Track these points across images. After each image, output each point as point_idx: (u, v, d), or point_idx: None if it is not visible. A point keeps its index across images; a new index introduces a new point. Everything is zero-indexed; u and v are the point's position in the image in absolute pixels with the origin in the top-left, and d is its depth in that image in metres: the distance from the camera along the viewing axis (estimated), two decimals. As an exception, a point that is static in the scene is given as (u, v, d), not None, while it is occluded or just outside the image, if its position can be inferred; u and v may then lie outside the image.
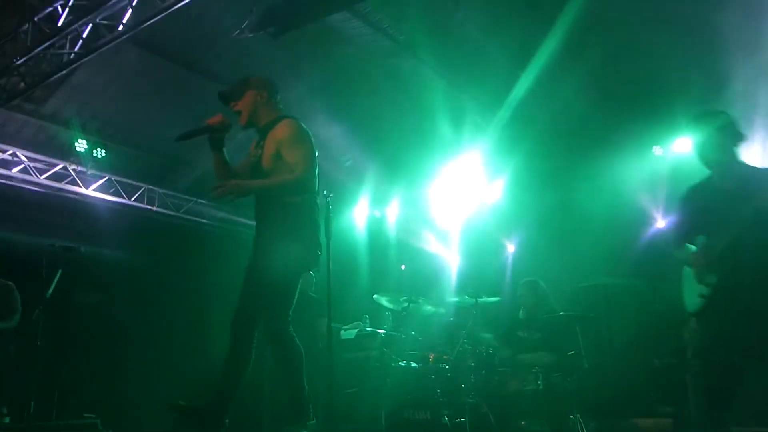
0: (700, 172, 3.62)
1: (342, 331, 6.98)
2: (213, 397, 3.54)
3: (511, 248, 9.16)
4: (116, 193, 8.34)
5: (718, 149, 3.45)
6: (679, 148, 7.56)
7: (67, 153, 7.74)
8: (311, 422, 3.64)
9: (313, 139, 3.69)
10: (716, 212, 3.41)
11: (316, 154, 3.68)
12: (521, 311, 6.09)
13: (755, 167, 3.51)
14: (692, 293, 3.49)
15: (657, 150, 7.74)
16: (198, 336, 8.14)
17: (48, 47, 5.89)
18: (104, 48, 5.77)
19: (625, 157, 7.69)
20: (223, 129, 3.61)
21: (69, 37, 5.85)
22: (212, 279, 8.18)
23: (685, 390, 5.97)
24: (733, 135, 3.47)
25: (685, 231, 3.65)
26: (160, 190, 8.81)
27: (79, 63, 6.02)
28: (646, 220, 8.06)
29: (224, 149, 3.69)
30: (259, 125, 3.75)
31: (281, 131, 3.63)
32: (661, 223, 8.04)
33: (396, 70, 7.36)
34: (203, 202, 9.15)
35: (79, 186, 8.01)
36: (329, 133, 8.30)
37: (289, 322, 3.64)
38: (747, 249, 3.23)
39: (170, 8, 5.17)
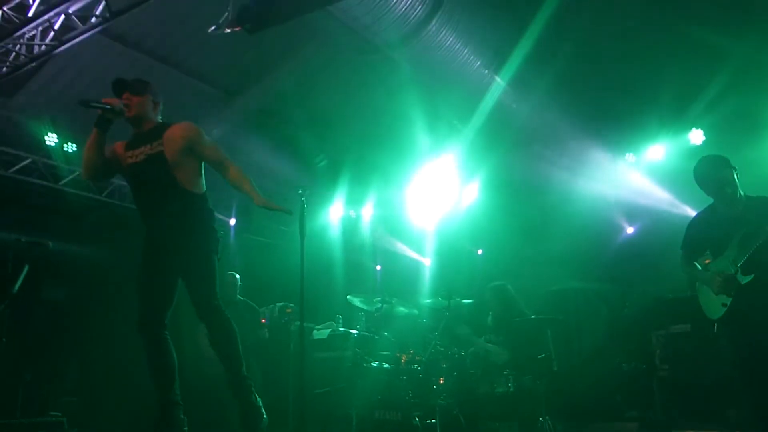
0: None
1: (314, 331, 6.97)
2: (157, 408, 3.68)
3: (482, 251, 9.21)
4: (87, 188, 8.21)
5: (733, 185, 4.08)
6: (651, 156, 7.68)
7: (36, 147, 7.60)
8: (264, 420, 3.69)
9: None
10: (723, 235, 4.10)
11: None
12: (489, 317, 6.11)
13: (751, 196, 4.15)
14: (711, 302, 4.10)
15: (629, 157, 7.84)
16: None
17: (18, 38, 5.77)
18: (76, 40, 5.67)
19: (598, 163, 7.79)
20: (116, 112, 3.74)
21: (40, 28, 5.73)
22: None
23: (652, 394, 6.08)
24: (734, 172, 4.11)
25: (693, 251, 4.34)
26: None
27: (50, 55, 5.91)
28: (617, 226, 8.17)
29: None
30: (142, 128, 3.87)
31: (189, 130, 3.82)
32: (630, 229, 8.16)
33: (372, 71, 7.35)
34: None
35: (49, 181, 7.86)
36: (303, 132, 8.28)
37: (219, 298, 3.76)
38: (763, 266, 3.88)
39: (144, 0, 5.10)
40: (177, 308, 3.89)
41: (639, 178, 7.74)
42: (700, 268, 4.30)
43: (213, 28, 5.02)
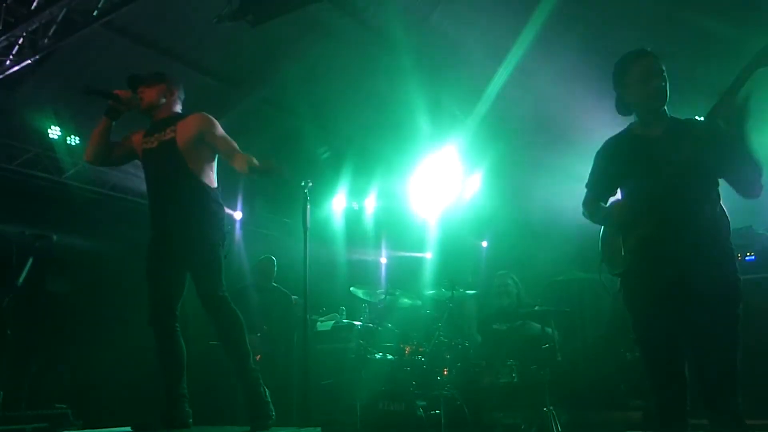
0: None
1: (318, 323, 6.98)
2: (166, 399, 3.72)
3: (487, 242, 9.21)
4: (90, 182, 8.22)
5: (662, 97, 3.12)
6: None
7: (39, 140, 7.61)
8: (272, 416, 3.71)
9: None
10: (642, 161, 3.09)
11: None
12: (502, 301, 6.11)
13: (678, 118, 3.21)
14: (616, 251, 3.14)
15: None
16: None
17: (20, 31, 5.77)
18: (79, 33, 5.66)
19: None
20: (127, 104, 3.83)
21: (42, 21, 5.73)
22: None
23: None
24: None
25: (605, 185, 3.31)
26: (136, 179, 8.69)
27: (52, 48, 5.91)
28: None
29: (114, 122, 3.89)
30: (157, 116, 3.93)
31: (203, 120, 3.84)
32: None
33: (374, 61, 7.33)
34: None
35: (52, 173, 7.87)
36: (307, 124, 8.26)
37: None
38: (673, 199, 2.93)
39: (147, -6, 5.10)
40: (183, 301, 3.91)
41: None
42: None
43: (215, 20, 5.02)
